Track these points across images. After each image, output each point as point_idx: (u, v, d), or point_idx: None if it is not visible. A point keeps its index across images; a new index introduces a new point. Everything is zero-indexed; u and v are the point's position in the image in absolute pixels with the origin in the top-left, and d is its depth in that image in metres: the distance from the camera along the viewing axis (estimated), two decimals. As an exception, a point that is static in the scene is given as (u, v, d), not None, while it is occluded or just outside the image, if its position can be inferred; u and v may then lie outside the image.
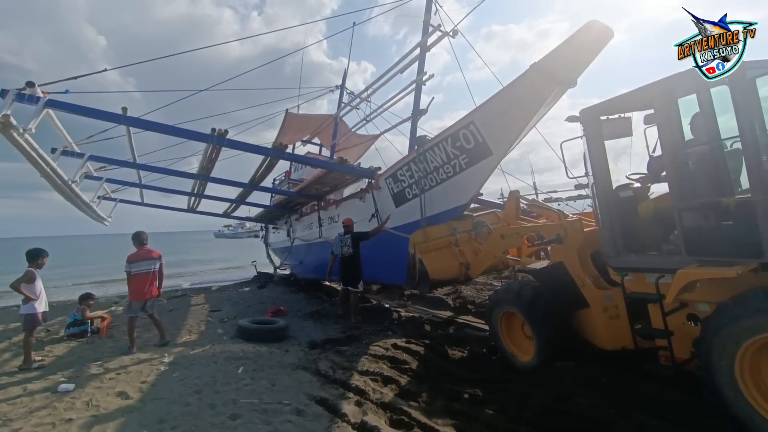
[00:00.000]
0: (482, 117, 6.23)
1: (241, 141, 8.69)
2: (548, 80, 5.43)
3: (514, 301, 4.93)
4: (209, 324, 7.68)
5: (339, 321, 7.54)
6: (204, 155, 9.28)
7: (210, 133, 7.69)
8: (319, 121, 15.88)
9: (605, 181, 4.26)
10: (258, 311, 8.83)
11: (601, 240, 4.32)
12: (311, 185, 10.82)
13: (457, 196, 6.88)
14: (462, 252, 6.47)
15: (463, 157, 6.57)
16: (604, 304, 4.29)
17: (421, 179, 7.19)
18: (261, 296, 11.21)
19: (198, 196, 13.30)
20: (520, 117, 5.92)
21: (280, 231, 16.49)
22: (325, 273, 12.52)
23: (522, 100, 5.75)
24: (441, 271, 6.19)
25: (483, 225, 6.80)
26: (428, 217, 7.19)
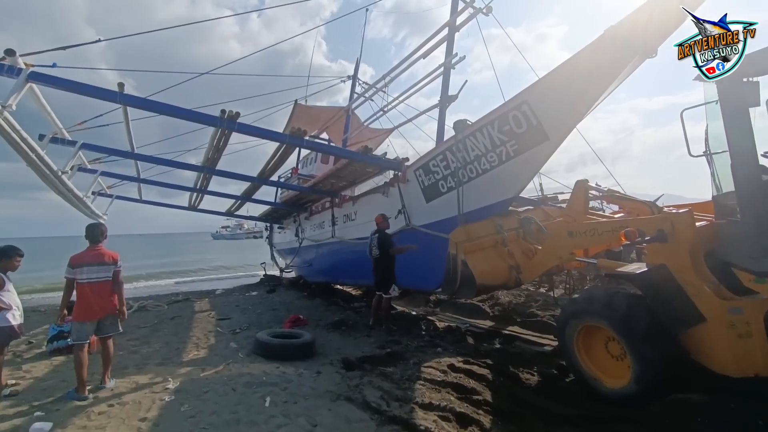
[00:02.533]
0: (538, 95, 5.26)
1: (254, 125, 7.66)
2: (626, 48, 4.44)
3: (602, 313, 3.94)
4: (219, 336, 6.61)
5: (371, 333, 6.48)
6: (210, 144, 8.26)
7: (219, 116, 6.67)
8: (330, 113, 14.88)
9: (749, 160, 3.28)
10: (272, 320, 7.76)
11: (735, 237, 3.39)
12: (327, 179, 9.81)
13: (502, 188, 5.93)
14: (511, 253, 5.63)
15: (511, 144, 5.62)
16: (729, 319, 3.37)
17: (458, 170, 6.23)
18: (271, 302, 10.13)
19: (201, 191, 12.27)
20: (586, 94, 4.93)
21: (287, 231, 15.50)
22: (337, 276, 11.66)
23: (591, 73, 4.75)
24: (488, 275, 5.34)
25: (531, 222, 5.94)
26: (466, 213, 6.17)
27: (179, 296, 12.01)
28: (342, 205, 10.37)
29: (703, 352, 3.54)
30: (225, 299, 10.94)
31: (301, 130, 7.34)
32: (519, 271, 5.47)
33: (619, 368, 3.92)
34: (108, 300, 4.34)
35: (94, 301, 4.23)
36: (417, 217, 7.37)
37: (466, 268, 5.27)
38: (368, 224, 8.50)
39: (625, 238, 3.94)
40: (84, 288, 4.21)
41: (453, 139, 6.32)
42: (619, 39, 4.43)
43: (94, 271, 4.26)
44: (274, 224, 17.09)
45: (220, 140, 7.93)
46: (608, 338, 4.03)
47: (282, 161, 9.54)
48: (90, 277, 4.23)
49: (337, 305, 9.23)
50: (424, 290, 8.23)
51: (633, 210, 5.19)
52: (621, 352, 3.88)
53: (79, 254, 4.30)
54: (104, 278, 4.33)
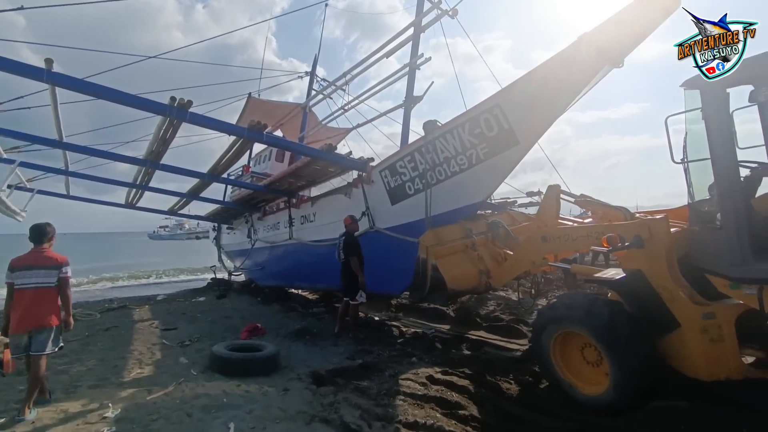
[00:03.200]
0: (511, 99, 5.23)
1: (207, 116, 6.97)
2: (599, 55, 4.50)
3: (581, 320, 3.87)
4: (165, 349, 5.89)
5: (338, 341, 6.08)
6: (155, 135, 7.44)
7: (168, 103, 5.97)
8: (286, 109, 14.19)
9: (730, 165, 3.32)
10: (227, 329, 7.10)
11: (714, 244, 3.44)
12: (284, 178, 9.27)
13: (471, 192, 5.84)
14: (481, 257, 5.51)
15: (482, 147, 5.55)
16: (702, 324, 3.41)
17: (427, 172, 6.08)
18: (223, 308, 9.36)
19: (140, 187, 11.16)
20: (558, 100, 4.96)
21: (237, 231, 14.62)
22: (293, 279, 11.09)
23: (564, 79, 4.78)
24: (459, 280, 5.22)
25: (499, 226, 5.85)
26: (434, 216, 6.07)
27: (114, 303, 10.82)
28: (300, 206, 9.88)
29: (677, 357, 3.56)
30: (169, 306, 9.98)
31: (261, 123, 6.80)
32: (489, 275, 5.38)
33: (595, 374, 3.87)
34: (46, 309, 3.72)
35: (28, 310, 3.64)
36: (382, 219, 7.12)
37: (437, 272, 5.12)
38: (329, 226, 8.08)
39: (608, 243, 3.90)
40: (20, 294, 3.69)
41: (422, 140, 6.15)
42: (593, 46, 4.46)
43: (33, 275, 3.73)
44: (223, 224, 16.09)
45: (167, 131, 7.16)
46: (584, 344, 3.97)
47: (237, 157, 8.85)
48: (27, 282, 3.71)
49: (296, 311, 8.71)
50: (389, 295, 7.99)
51: (605, 216, 5.25)
52: (597, 358, 3.83)
53: (20, 257, 3.83)
54: (45, 284, 3.74)
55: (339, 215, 6.88)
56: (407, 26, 8.65)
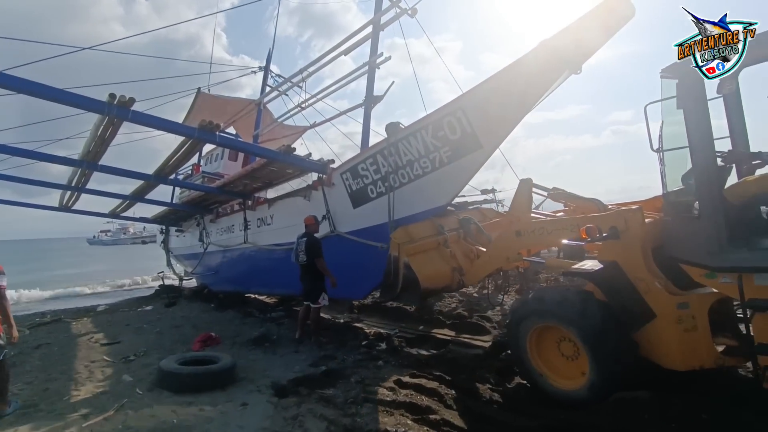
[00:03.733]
0: (474, 102, 5.24)
1: (153, 115, 6.41)
2: (559, 61, 4.61)
3: (557, 313, 3.88)
4: (106, 367, 5.33)
5: (299, 348, 5.80)
6: (93, 134, 6.80)
7: (107, 101, 5.42)
8: (238, 106, 13.52)
9: (707, 153, 3.34)
10: (177, 341, 6.58)
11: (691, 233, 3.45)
12: (239, 180, 8.81)
13: (435, 195, 5.81)
14: (453, 254, 5.45)
15: (445, 150, 5.53)
16: (677, 314, 3.44)
17: (389, 175, 5.97)
18: (173, 317, 8.72)
19: (76, 189, 10.22)
20: (519, 104, 5.04)
21: (187, 234, 13.81)
22: (250, 284, 10.59)
23: (526, 83, 4.86)
24: (432, 278, 5.15)
25: (471, 222, 5.85)
26: (397, 220, 5.96)
27: (47, 316, 9.81)
28: (256, 208, 9.43)
29: (652, 348, 3.58)
30: (110, 317, 9.17)
31: (213, 123, 6.37)
32: (462, 273, 5.32)
33: (571, 369, 3.88)
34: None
35: None
36: (343, 223, 6.95)
37: (410, 271, 4.98)
38: (287, 229, 7.72)
39: (586, 234, 3.88)
40: None
41: (384, 142, 6.03)
42: (553, 51, 4.54)
43: None
44: (171, 227, 15.15)
45: (106, 130, 6.54)
46: (561, 338, 3.96)
47: (186, 158, 8.31)
48: None
49: (254, 317, 8.28)
50: (351, 299, 7.82)
51: (578, 208, 5.27)
52: (574, 352, 3.84)
53: None
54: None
55: (298, 218, 6.59)
56: (366, 24, 8.47)
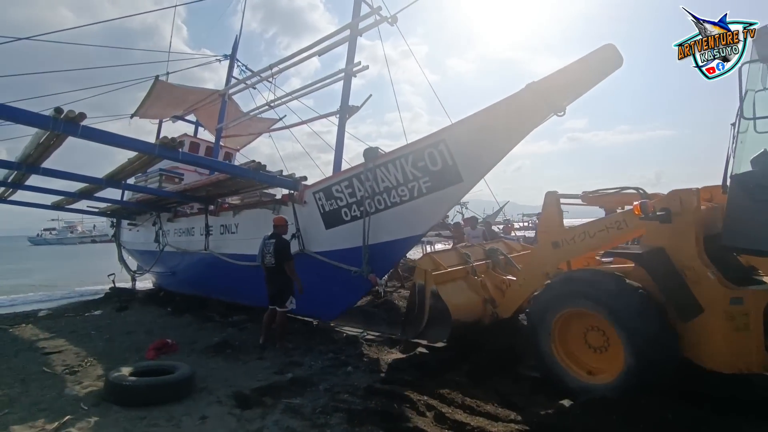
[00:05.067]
0: (457, 136, 5.27)
1: (106, 131, 5.85)
2: (544, 104, 4.68)
3: (589, 294, 3.62)
4: (46, 379, 4.83)
5: (263, 354, 5.53)
6: (33, 143, 6.26)
7: (53, 115, 4.93)
8: (200, 95, 12.90)
9: None
10: (129, 348, 6.11)
11: (735, 219, 3.27)
12: (203, 188, 8.39)
13: (411, 224, 5.83)
14: (484, 284, 5.26)
15: (424, 180, 5.53)
16: (729, 311, 3.21)
17: (365, 199, 5.91)
18: (124, 323, 8.14)
19: (13, 186, 9.41)
20: (502, 142, 5.15)
21: (141, 229, 13.01)
22: (210, 291, 10.07)
23: (509, 123, 4.95)
24: (464, 309, 4.88)
25: (497, 252, 5.81)
26: (372, 246, 5.95)
27: (-22, 323, 8.89)
28: (219, 214, 8.99)
29: (694, 346, 3.36)
30: (53, 324, 8.42)
31: (176, 140, 6.06)
32: (494, 304, 5.09)
33: (600, 361, 3.72)
34: None
35: None
36: (314, 243, 6.80)
37: (438, 301, 4.67)
38: (252, 241, 7.37)
39: (640, 210, 3.49)
40: None
41: (362, 166, 5.95)
42: (540, 95, 4.61)
43: None
44: (123, 219, 14.26)
45: (50, 140, 6.02)
46: (589, 327, 3.74)
47: (143, 168, 7.83)
48: None
49: (214, 321, 7.87)
50: (320, 319, 7.61)
51: (620, 201, 4.71)
52: (603, 343, 3.64)
53: None
54: None
55: (265, 230, 6.33)
56: (343, 27, 8.24)
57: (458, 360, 5.15)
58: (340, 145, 7.81)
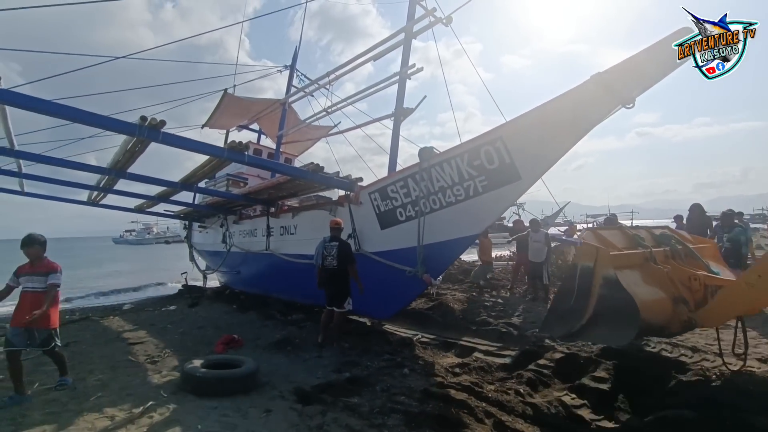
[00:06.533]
0: (515, 133, 5.10)
1: (183, 136, 6.42)
2: (611, 96, 4.39)
3: None
4: (132, 367, 5.36)
5: (322, 352, 5.71)
6: (122, 149, 6.94)
7: (138, 123, 5.49)
8: (263, 105, 13.67)
9: None
10: (200, 341, 6.59)
11: None
12: (264, 190, 8.85)
13: (467, 223, 5.74)
14: (671, 278, 3.96)
15: (481, 179, 5.42)
16: None
17: (420, 199, 5.89)
18: (195, 318, 8.78)
19: (104, 190, 10.47)
20: (564, 138, 4.88)
21: (210, 231, 13.98)
22: (270, 289, 10.58)
23: (573, 117, 4.69)
24: (653, 307, 3.61)
25: (672, 239, 4.57)
26: (426, 246, 5.90)
27: (75, 314, 10.04)
28: (279, 216, 9.43)
29: None
30: (136, 317, 9.31)
31: (243, 143, 6.44)
32: (689, 307, 3.83)
33: None
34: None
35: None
36: (369, 243, 6.89)
37: (617, 290, 3.42)
38: (310, 242, 7.65)
39: None
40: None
41: (417, 166, 5.95)
42: (606, 87, 4.35)
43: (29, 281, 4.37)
44: (194, 222, 15.40)
45: (135, 146, 6.66)
46: None
47: (213, 172, 8.42)
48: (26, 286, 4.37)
49: (275, 319, 8.24)
50: (375, 319, 7.73)
51: None
52: None
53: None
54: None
55: (323, 231, 6.51)
56: (397, 32, 8.33)
57: (518, 367, 5.00)
58: (395, 147, 7.88)
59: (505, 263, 15.49)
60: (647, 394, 4.16)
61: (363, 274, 6.15)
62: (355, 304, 6.13)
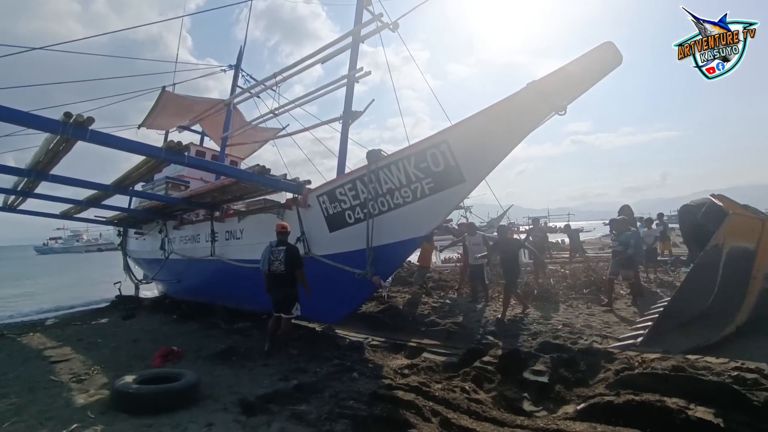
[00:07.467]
0: (459, 137, 5.31)
1: (115, 135, 5.97)
2: (545, 103, 4.74)
3: None
4: (54, 388, 4.86)
5: (269, 361, 5.53)
6: (43, 149, 6.36)
7: (62, 120, 5.05)
8: (206, 105, 13.05)
9: None
10: (135, 356, 6.14)
11: None
12: (207, 193, 8.46)
13: (415, 225, 5.85)
14: None
15: (427, 181, 5.57)
16: None
17: (369, 201, 5.96)
18: (130, 330, 8.18)
19: (23, 195, 9.49)
20: (504, 142, 5.18)
21: (148, 238, 13.15)
22: (214, 298, 10.10)
23: (511, 122, 4.98)
24: None
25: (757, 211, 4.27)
26: (375, 248, 5.96)
27: (-13, 333, 8.97)
28: (224, 220, 9.06)
29: None
30: (61, 332, 8.49)
31: (182, 144, 6.11)
32: None
33: None
34: None
35: None
36: (318, 246, 6.83)
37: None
38: (256, 246, 7.44)
39: None
40: None
41: (365, 168, 6.01)
42: (540, 94, 4.67)
43: None
44: (130, 228, 14.38)
45: (59, 146, 6.10)
46: None
47: (150, 173, 7.90)
48: None
49: (219, 328, 7.88)
50: (324, 324, 7.63)
51: None
52: None
53: None
54: None
55: (270, 235, 6.34)
56: (344, 35, 8.32)
57: (464, 365, 5.14)
58: (343, 150, 7.86)
59: (453, 265, 15.92)
60: (581, 384, 4.47)
61: (312, 278, 6.05)
62: (303, 309, 6.01)
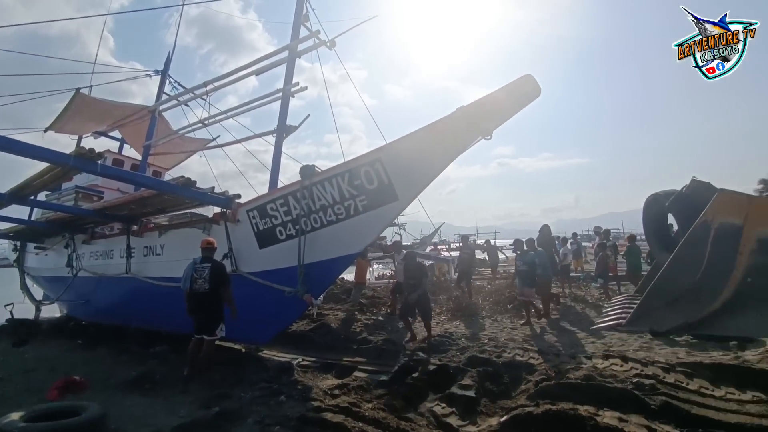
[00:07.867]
0: (392, 156, 5.47)
1: (10, 138, 5.26)
2: (473, 128, 5.09)
3: None
4: None
5: (188, 387, 5.11)
6: None
7: None
8: (127, 111, 12.10)
9: None
10: (24, 389, 5.33)
11: None
12: (124, 205, 7.79)
13: (348, 242, 5.87)
14: None
15: (361, 199, 5.64)
16: None
17: (301, 218, 5.89)
18: (23, 360, 7.13)
19: None
20: (435, 162, 5.42)
21: (51, 253, 11.75)
22: (128, 319, 9.20)
23: (442, 144, 5.26)
24: None
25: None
26: (308, 265, 5.88)
27: None
28: (143, 234, 8.37)
29: None
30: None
31: (94, 151, 5.58)
32: None
33: None
34: None
35: None
36: (247, 263, 6.56)
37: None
38: (179, 263, 6.95)
39: None
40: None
41: (298, 184, 5.94)
42: (469, 119, 4.99)
43: None
44: (29, 242, 12.74)
45: None
46: None
47: (56, 182, 7.09)
48: None
49: (131, 353, 7.17)
50: (250, 344, 7.27)
51: None
52: None
53: None
54: None
55: (194, 252, 5.96)
56: (281, 49, 8.23)
57: (395, 382, 5.15)
58: (276, 163, 7.67)
59: (387, 282, 16.05)
60: (505, 396, 4.68)
61: (239, 296, 5.76)
62: (228, 329, 5.68)
